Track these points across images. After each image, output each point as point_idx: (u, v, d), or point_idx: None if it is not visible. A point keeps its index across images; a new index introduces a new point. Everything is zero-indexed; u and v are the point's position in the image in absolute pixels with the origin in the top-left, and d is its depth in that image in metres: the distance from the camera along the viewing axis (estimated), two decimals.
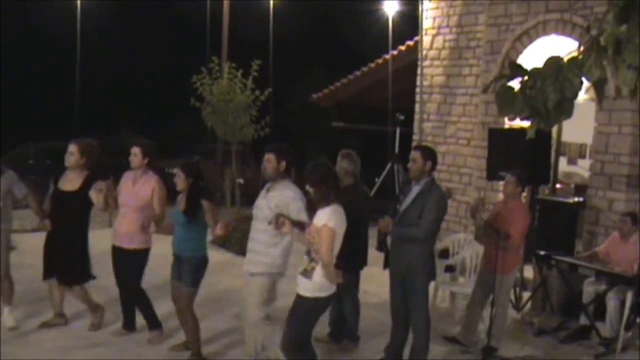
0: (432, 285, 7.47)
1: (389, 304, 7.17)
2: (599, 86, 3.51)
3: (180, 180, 6.91)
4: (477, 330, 8.12)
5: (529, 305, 9.68)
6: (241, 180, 15.65)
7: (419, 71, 14.49)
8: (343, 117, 22.26)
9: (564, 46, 10.63)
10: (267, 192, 6.53)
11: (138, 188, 7.44)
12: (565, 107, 3.59)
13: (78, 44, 24.74)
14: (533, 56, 11.46)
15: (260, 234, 6.48)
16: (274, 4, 24.21)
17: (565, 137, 12.91)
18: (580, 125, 9.98)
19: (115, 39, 27.57)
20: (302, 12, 26.37)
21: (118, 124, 25.44)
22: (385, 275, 7.17)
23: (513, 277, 8.14)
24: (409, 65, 15.66)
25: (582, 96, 9.15)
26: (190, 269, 6.94)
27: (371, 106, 21.53)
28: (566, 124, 11.36)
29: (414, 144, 14.08)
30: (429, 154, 6.89)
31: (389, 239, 7.04)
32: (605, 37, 3.29)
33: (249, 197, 6.78)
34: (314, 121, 24.42)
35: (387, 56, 18.10)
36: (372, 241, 7.53)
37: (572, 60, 3.48)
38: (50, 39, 25.38)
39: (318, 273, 5.71)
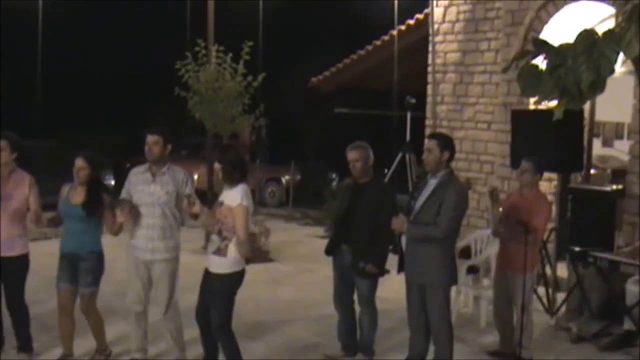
0: (453, 289, 7.44)
1: (406, 312, 7.16)
2: (639, 62, 3.47)
3: (85, 173, 7.08)
4: (514, 336, 8.03)
5: (563, 309, 9.66)
6: None
7: (430, 48, 14.46)
8: (346, 102, 22.24)
9: (597, 14, 10.56)
10: (154, 177, 7.16)
11: (11, 188, 7.26)
12: (599, 85, 3.56)
13: (40, 28, 24.10)
14: (561, 27, 11.41)
15: (160, 219, 7.14)
16: None
17: (599, 116, 12.86)
18: (616, 102, 9.90)
19: (83, 21, 26.90)
20: None
21: (90, 119, 25.20)
22: (400, 280, 7.16)
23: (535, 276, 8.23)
24: (419, 41, 15.65)
25: (619, 69, 9.11)
26: (91, 267, 7.13)
27: (377, 89, 21.49)
28: (600, 101, 11.31)
29: (427, 130, 14.06)
30: (446, 143, 6.85)
31: (403, 240, 7.02)
32: None
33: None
34: (314, 108, 24.38)
35: (394, 32, 18.06)
36: None
37: (608, 33, 3.43)
38: (6, 20, 24.12)
39: (232, 250, 6.59)
